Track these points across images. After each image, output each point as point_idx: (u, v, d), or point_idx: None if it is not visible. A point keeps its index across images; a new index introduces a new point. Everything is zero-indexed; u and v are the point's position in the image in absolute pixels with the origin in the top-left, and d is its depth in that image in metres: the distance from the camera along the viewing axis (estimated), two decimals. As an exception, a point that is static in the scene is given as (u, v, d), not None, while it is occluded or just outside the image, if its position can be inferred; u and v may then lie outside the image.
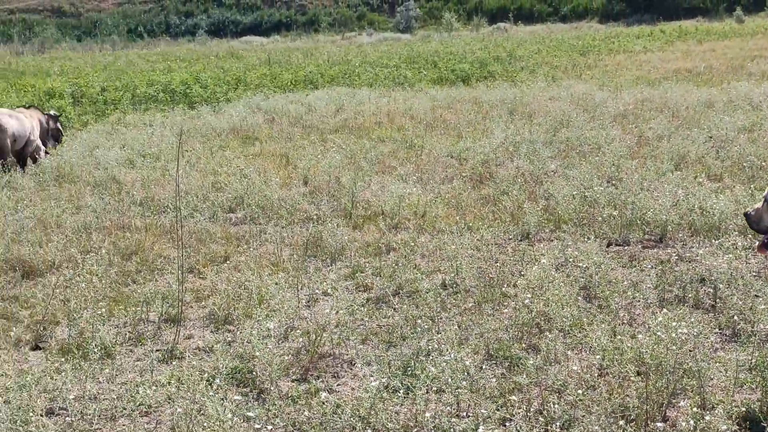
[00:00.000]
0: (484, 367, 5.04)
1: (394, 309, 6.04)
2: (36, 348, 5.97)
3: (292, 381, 5.18)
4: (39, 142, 12.81)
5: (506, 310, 5.93)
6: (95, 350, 5.47)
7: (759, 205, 5.27)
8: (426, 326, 5.63)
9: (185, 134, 14.48)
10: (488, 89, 19.22)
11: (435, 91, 19.31)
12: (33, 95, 20.31)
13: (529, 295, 5.84)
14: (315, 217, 8.81)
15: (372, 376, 5.06)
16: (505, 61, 25.84)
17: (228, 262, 7.70)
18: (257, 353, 5.16)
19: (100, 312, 6.22)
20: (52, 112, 14.08)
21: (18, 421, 4.52)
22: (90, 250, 7.97)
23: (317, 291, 6.68)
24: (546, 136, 12.25)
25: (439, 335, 5.42)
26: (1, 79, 26.88)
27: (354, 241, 8.03)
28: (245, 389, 5.06)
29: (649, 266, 6.88)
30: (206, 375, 4.95)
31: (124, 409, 4.82)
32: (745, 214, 5.47)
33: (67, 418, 4.72)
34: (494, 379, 4.92)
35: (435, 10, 66.99)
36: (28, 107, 14.08)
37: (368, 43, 44.90)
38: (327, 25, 66.54)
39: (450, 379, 4.61)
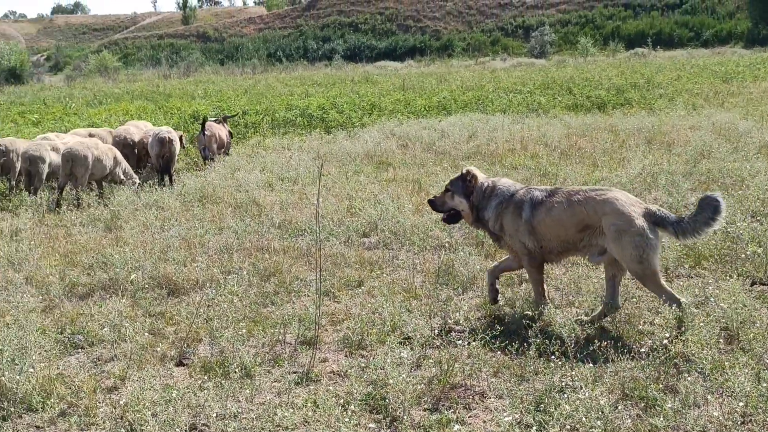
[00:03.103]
0: (619, 407, 4.95)
1: (527, 342, 6.00)
2: (180, 364, 6.25)
3: (424, 410, 5.23)
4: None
5: (643, 349, 5.80)
6: (236, 370, 5.70)
7: (441, 192, 7.34)
8: (559, 362, 5.57)
9: (321, 158, 14.86)
10: (625, 117, 18.82)
11: (570, 118, 19.04)
12: (179, 118, 21.31)
13: (666, 334, 5.70)
14: (447, 244, 8.87)
15: (504, 410, 5.06)
16: (643, 88, 25.20)
17: (362, 286, 7.85)
18: (390, 380, 5.25)
19: (240, 332, 6.47)
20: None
21: (165, 435, 4.77)
22: (231, 270, 8.31)
23: (449, 320, 6.72)
24: (685, 167, 11.88)
25: (573, 372, 5.37)
26: (150, 101, 28.33)
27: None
28: (378, 416, 5.14)
29: (797, 308, 6.57)
30: (341, 400, 5.08)
31: (262, 429, 4.99)
32: (429, 201, 7.53)
33: (209, 435, 4.94)
34: (629, 420, 4.83)
35: (570, 35, 66.44)
36: (218, 121, 16.49)
37: (502, 68, 44.78)
38: (461, 50, 66.99)
39: (584, 418, 4.56)
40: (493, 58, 59.55)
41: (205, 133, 15.54)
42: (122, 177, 13.46)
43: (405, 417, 5.05)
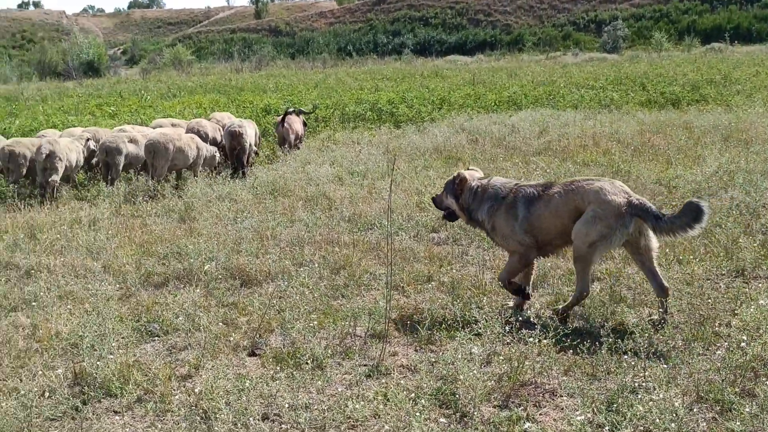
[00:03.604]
0: (694, 409, 4.87)
1: (598, 341, 5.94)
2: (252, 354, 6.35)
3: (494, 407, 5.22)
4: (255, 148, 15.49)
5: (718, 351, 5.69)
6: (307, 361, 5.77)
7: (441, 192, 7.65)
8: (632, 362, 5.50)
9: (390, 153, 14.91)
10: (700, 114, 18.40)
11: (643, 115, 18.72)
12: (251, 112, 21.58)
13: (744, 337, 5.58)
14: (517, 241, 8.80)
15: (576, 409, 5.01)
16: (720, 84, 24.58)
17: (431, 282, 7.86)
18: (461, 376, 5.25)
19: (311, 324, 6.55)
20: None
21: (239, 424, 4.86)
22: (302, 263, 8.41)
23: (519, 317, 6.69)
24: (764, 166, 11.56)
25: (646, 372, 5.29)
26: (223, 95, 28.74)
27: (557, 267, 7.97)
28: (448, 411, 5.16)
29: None
30: (411, 394, 5.11)
31: (333, 421, 5.04)
32: (432, 198, 7.91)
33: (282, 425, 5.02)
34: (704, 423, 4.75)
35: (644, 29, 65.18)
36: (290, 113, 16.72)
37: (573, 63, 44.17)
38: (531, 45, 66.26)
39: (658, 420, 4.50)
40: (565, 52, 58.72)
41: (284, 125, 15.81)
42: (200, 168, 13.83)
43: (475, 413, 5.05)
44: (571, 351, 5.95)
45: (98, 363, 5.83)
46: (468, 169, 7.77)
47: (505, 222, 6.94)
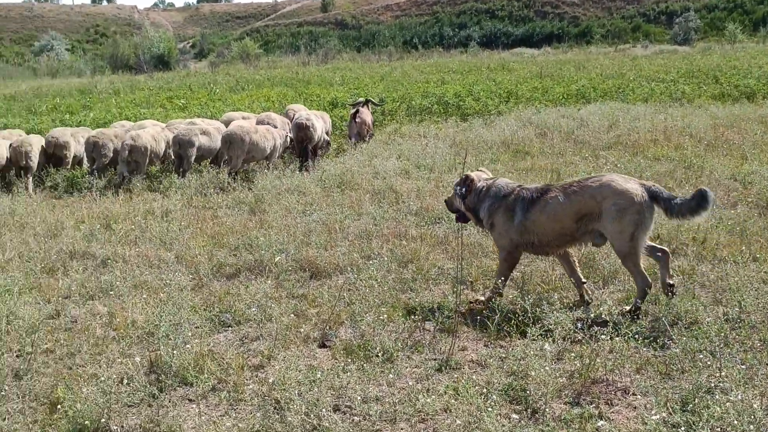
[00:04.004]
0: (772, 411, 4.76)
1: (672, 340, 5.85)
2: (323, 345, 6.42)
3: (565, 403, 5.19)
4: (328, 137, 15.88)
5: (798, 352, 5.55)
6: (377, 354, 5.81)
7: (451, 194, 7.77)
8: (707, 361, 5.40)
9: (457, 146, 14.86)
10: (776, 107, 17.94)
11: (716, 108, 18.30)
12: (318, 105, 21.73)
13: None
14: (587, 237, 8.70)
15: (650, 408, 4.95)
16: (797, 77, 23.91)
17: (500, 277, 7.82)
18: (532, 372, 5.23)
19: (381, 317, 6.59)
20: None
21: (311, 415, 4.93)
22: (370, 256, 8.45)
23: (590, 314, 6.62)
24: None
25: (722, 372, 5.19)
26: (290, 88, 29.00)
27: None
28: (518, 407, 5.14)
29: None
30: (482, 389, 5.10)
31: (404, 413, 5.07)
32: (445, 200, 8.06)
33: (353, 417, 5.06)
34: (784, 426, 4.64)
35: (717, 20, 63.65)
36: (361, 105, 16.85)
37: (643, 56, 43.33)
38: (600, 37, 65.30)
39: (735, 421, 4.41)
40: (634, 45, 57.69)
41: (356, 120, 15.90)
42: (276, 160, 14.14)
43: (546, 409, 5.03)
44: (644, 349, 5.87)
45: (173, 352, 5.96)
46: (477, 170, 7.90)
47: (502, 221, 7.12)
